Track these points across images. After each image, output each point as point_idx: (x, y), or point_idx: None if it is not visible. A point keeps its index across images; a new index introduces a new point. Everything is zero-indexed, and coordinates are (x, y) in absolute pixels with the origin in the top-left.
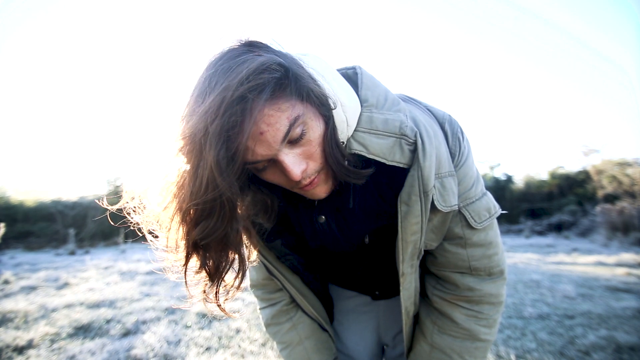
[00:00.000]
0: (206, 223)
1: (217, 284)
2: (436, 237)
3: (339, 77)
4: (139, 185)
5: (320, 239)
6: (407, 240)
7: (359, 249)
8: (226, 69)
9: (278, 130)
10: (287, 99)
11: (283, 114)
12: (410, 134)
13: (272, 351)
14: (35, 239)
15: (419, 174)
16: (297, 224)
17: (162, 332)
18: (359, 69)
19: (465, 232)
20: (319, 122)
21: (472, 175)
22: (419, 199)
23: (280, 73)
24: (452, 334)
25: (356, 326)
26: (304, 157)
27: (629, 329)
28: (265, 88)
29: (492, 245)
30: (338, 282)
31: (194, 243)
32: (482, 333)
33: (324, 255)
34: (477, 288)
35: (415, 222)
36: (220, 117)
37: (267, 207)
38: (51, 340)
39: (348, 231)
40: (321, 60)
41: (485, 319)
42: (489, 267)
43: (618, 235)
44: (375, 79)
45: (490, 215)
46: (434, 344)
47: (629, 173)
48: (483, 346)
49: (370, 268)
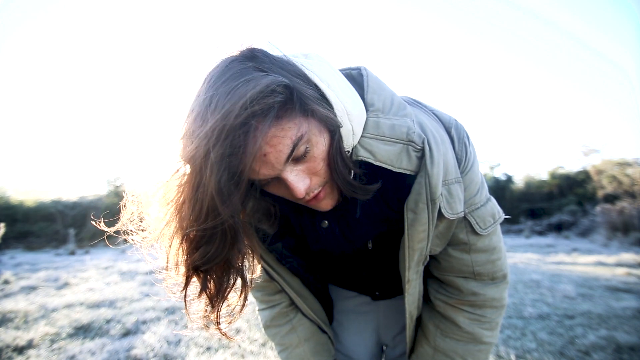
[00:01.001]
0: (207, 248)
1: (218, 307)
2: (440, 242)
3: (344, 82)
4: (139, 200)
5: (323, 242)
6: (413, 248)
7: (361, 252)
8: (227, 91)
9: (281, 152)
10: (290, 119)
11: (287, 134)
12: (417, 140)
13: (272, 351)
14: (35, 239)
15: (426, 181)
16: (298, 227)
17: (162, 332)
18: (364, 71)
19: (470, 238)
20: (324, 137)
21: (478, 181)
22: (426, 207)
23: (284, 96)
24: (455, 337)
25: (356, 326)
26: (308, 173)
27: (629, 329)
28: (269, 113)
29: (495, 250)
30: (338, 283)
31: (194, 267)
32: (485, 336)
33: (325, 257)
34: (481, 292)
35: (422, 229)
36: (222, 142)
37: (270, 214)
38: (51, 340)
39: (351, 236)
40: (325, 63)
41: (488, 322)
42: (492, 272)
43: (618, 235)
44: (381, 82)
45: (494, 220)
46: (437, 347)
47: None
48: (486, 349)
49: (371, 270)
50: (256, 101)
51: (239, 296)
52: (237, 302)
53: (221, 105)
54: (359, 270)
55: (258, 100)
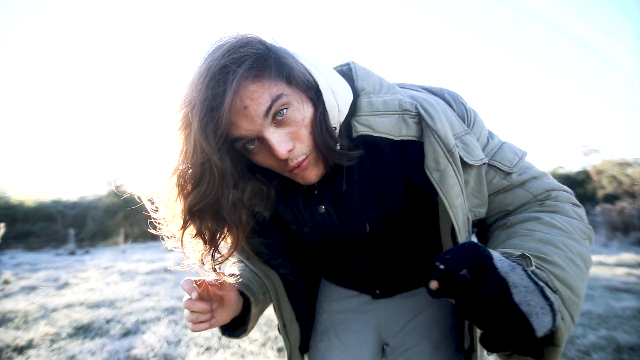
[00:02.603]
0: (198, 189)
1: (212, 249)
2: (480, 201)
3: (332, 70)
4: (140, 160)
5: (321, 230)
6: (454, 205)
7: (360, 240)
8: (215, 49)
9: (260, 105)
10: (271, 78)
11: (266, 90)
12: (410, 107)
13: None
14: (35, 239)
15: (435, 137)
16: (293, 221)
17: (162, 332)
18: (352, 64)
19: (507, 179)
20: (306, 106)
21: (486, 132)
22: (447, 160)
23: (261, 50)
24: (536, 227)
25: (356, 326)
26: (291, 137)
27: (629, 329)
28: (245, 60)
29: (538, 174)
30: (337, 280)
31: (189, 209)
32: (573, 212)
33: (323, 250)
34: (555, 187)
35: (453, 183)
36: (205, 86)
37: (263, 194)
38: (51, 340)
39: (348, 220)
40: (316, 56)
41: (577, 218)
42: (552, 187)
43: (618, 235)
44: (369, 70)
45: (519, 157)
46: (513, 222)
47: (629, 173)
48: (579, 225)
49: (371, 263)
50: (234, 50)
51: (231, 245)
52: (230, 248)
53: (206, 59)
54: (358, 262)
55: (236, 49)
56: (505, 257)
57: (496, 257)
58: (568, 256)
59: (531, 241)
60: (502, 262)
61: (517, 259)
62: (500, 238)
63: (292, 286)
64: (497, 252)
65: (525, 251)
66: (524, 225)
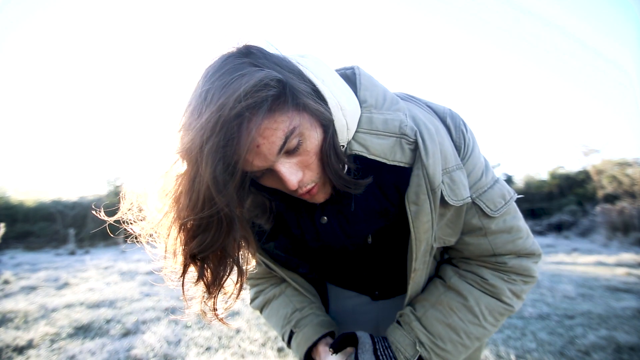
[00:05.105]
0: (203, 237)
1: (215, 294)
2: (453, 231)
3: (339, 79)
4: (138, 192)
5: (323, 239)
6: (420, 239)
7: (360, 248)
8: (223, 85)
9: (274, 144)
10: (283, 112)
11: (279, 127)
12: (410, 133)
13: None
14: (35, 239)
15: (423, 172)
16: (295, 226)
17: (162, 332)
18: (357, 69)
19: (483, 222)
20: (317, 131)
21: (481, 165)
22: (428, 197)
23: (277, 89)
24: (474, 285)
25: (355, 327)
26: (301, 166)
27: (629, 329)
28: (262, 105)
29: (513, 229)
30: (337, 282)
31: (192, 255)
32: (507, 296)
33: (324, 255)
34: (507, 262)
35: (426, 220)
36: (216, 134)
37: (265, 208)
38: (51, 340)
39: (351, 231)
40: (320, 62)
41: (513, 282)
42: (515, 252)
43: (618, 235)
44: (374, 79)
45: (505, 201)
46: (451, 285)
47: (629, 173)
48: (502, 309)
49: (371, 267)
50: (250, 94)
51: (235, 285)
52: (234, 290)
53: (216, 99)
54: (358, 267)
55: (252, 94)
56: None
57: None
58: (462, 342)
59: (442, 323)
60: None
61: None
62: (436, 292)
63: (317, 284)
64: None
65: (428, 335)
66: (452, 300)
